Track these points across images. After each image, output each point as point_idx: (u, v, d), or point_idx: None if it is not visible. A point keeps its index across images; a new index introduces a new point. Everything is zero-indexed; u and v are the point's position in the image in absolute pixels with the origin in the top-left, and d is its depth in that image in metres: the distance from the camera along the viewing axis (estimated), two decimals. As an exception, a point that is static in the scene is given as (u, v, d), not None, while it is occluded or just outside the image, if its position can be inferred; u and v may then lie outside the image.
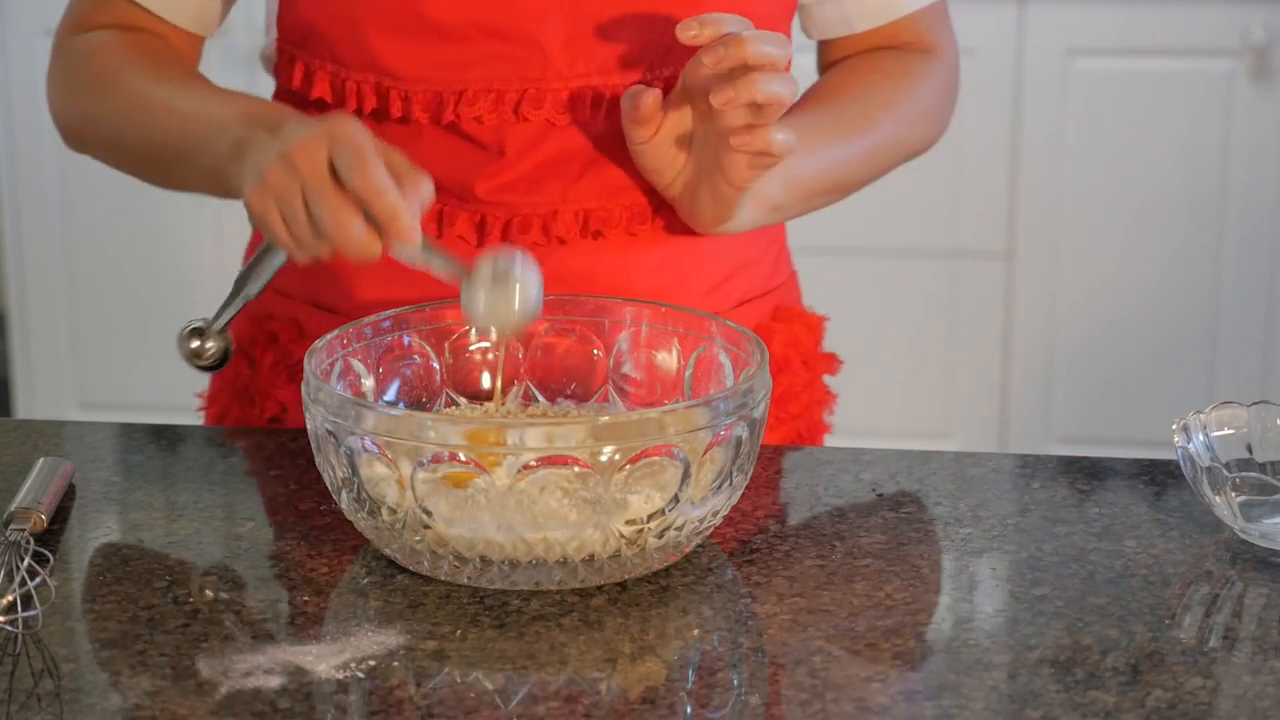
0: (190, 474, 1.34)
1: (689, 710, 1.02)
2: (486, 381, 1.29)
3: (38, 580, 1.09)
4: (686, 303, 1.41)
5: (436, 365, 1.27)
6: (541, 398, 1.29)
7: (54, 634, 1.08)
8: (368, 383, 1.24)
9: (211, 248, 3.11)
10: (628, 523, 1.11)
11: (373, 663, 1.05)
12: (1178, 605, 1.13)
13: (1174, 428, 1.24)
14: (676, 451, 1.10)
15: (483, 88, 1.34)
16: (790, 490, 1.29)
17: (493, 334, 1.23)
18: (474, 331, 1.27)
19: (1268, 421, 1.26)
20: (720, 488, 1.14)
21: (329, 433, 1.13)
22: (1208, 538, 1.22)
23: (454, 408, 1.28)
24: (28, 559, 1.10)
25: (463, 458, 1.09)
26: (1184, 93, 2.97)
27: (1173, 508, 1.26)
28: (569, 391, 1.29)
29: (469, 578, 1.13)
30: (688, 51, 1.33)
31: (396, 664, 1.05)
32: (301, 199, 1.19)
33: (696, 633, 1.10)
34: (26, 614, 1.07)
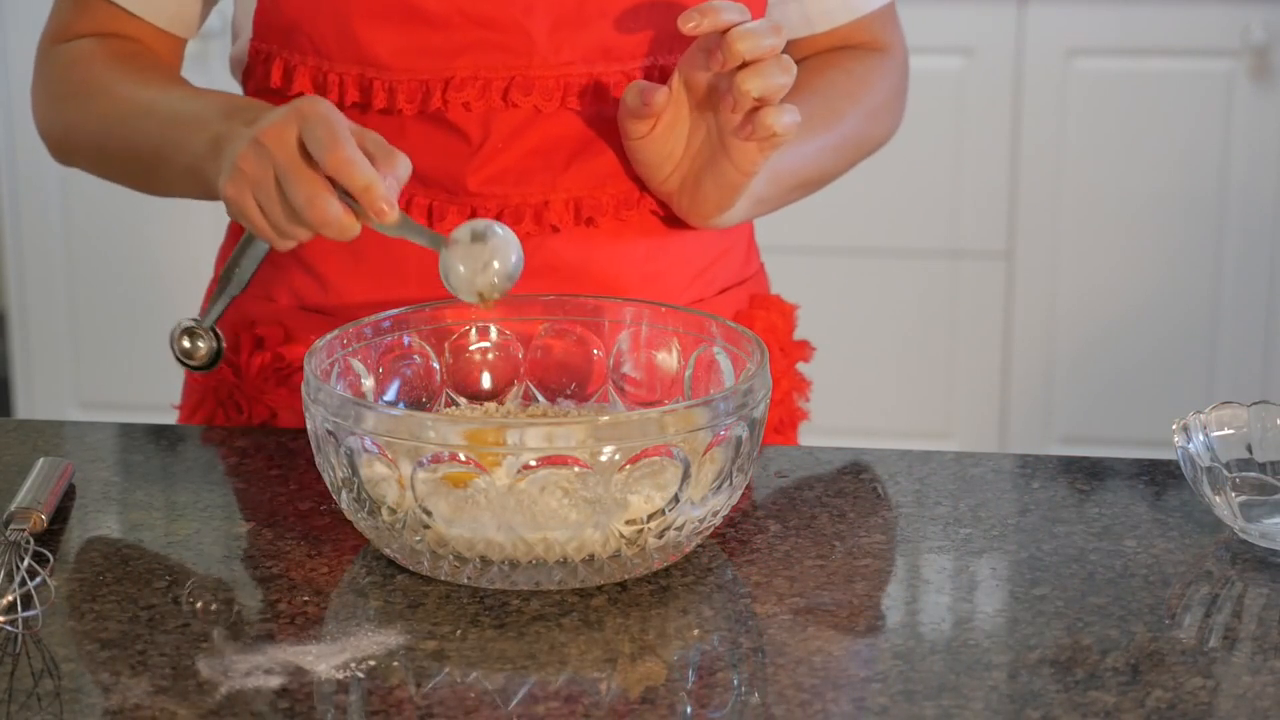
0: (190, 474, 1.34)
1: (689, 710, 1.02)
2: (487, 381, 1.29)
3: (38, 580, 1.09)
4: (674, 289, 1.42)
5: (436, 365, 1.27)
6: (541, 398, 1.29)
7: (54, 634, 1.08)
8: (368, 383, 1.24)
9: (211, 248, 3.11)
10: (628, 523, 1.11)
11: (373, 663, 1.05)
12: (1178, 605, 1.13)
13: (1174, 428, 1.24)
14: (676, 451, 1.10)
15: (470, 75, 1.34)
16: (790, 490, 1.29)
17: (473, 299, 1.22)
18: (459, 298, 1.25)
19: (1268, 421, 1.26)
20: (720, 488, 1.14)
21: (329, 433, 1.13)
22: (1208, 538, 1.22)
23: (454, 408, 1.28)
24: (28, 559, 1.10)
25: (463, 458, 1.09)
26: (1184, 93, 2.98)
27: (1173, 508, 1.26)
28: (569, 391, 1.29)
29: (469, 578, 1.13)
30: (675, 40, 1.33)
31: (396, 664, 1.05)
32: (275, 182, 1.19)
33: (696, 633, 1.10)
34: (26, 614, 1.07)
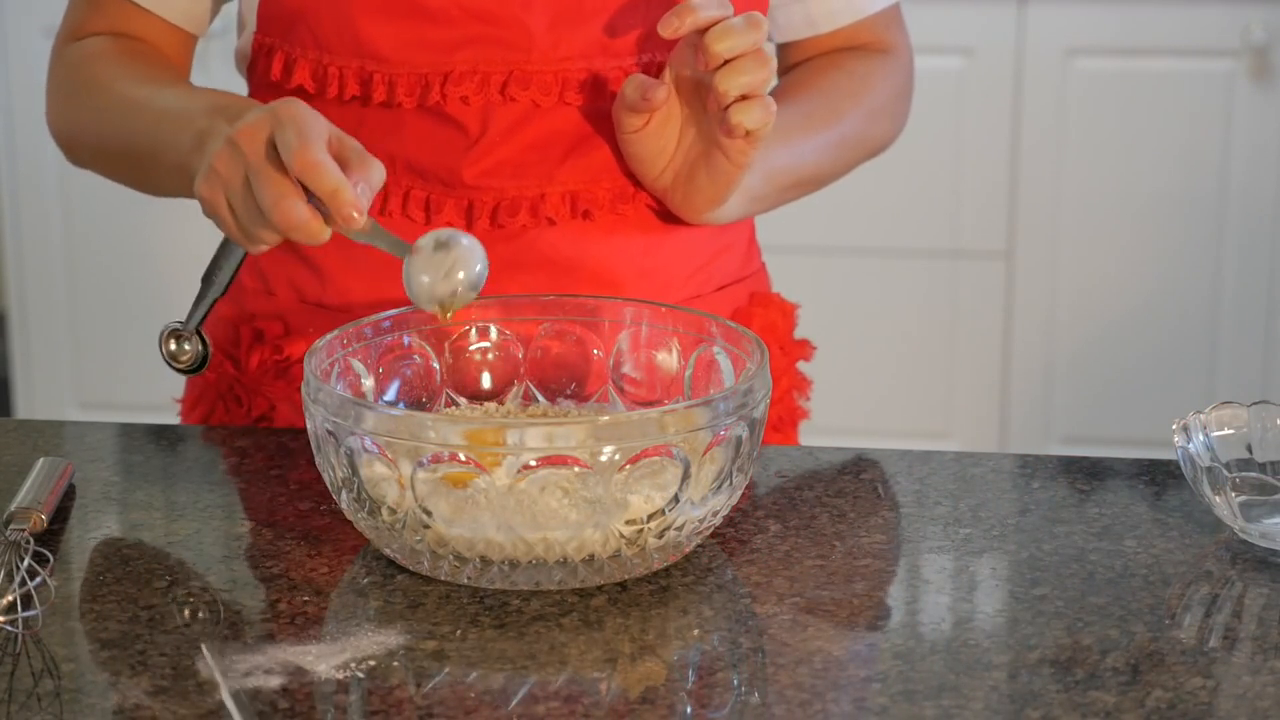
0: (190, 474, 1.34)
1: (689, 710, 1.02)
2: (487, 381, 1.29)
3: (38, 580, 1.09)
4: (670, 284, 1.42)
5: (436, 365, 1.27)
6: (541, 398, 1.29)
7: (54, 634, 1.08)
8: (368, 383, 1.24)
9: (212, 248, 3.11)
10: (628, 523, 1.11)
11: (373, 663, 1.05)
12: (1178, 605, 1.13)
13: (1174, 428, 1.24)
14: (676, 451, 1.10)
15: (469, 69, 1.34)
16: (790, 490, 1.29)
17: (434, 308, 1.21)
18: (421, 307, 1.24)
19: (1268, 421, 1.26)
20: (720, 488, 1.14)
21: (329, 433, 1.13)
22: (1208, 538, 1.22)
23: (454, 408, 1.28)
24: (28, 559, 1.10)
25: (463, 458, 1.09)
26: (1184, 93, 2.97)
27: (1173, 508, 1.26)
28: (569, 391, 1.29)
29: (469, 578, 1.13)
30: (671, 41, 1.33)
31: (396, 664, 1.05)
32: (246, 183, 1.18)
33: (696, 633, 1.10)
34: (26, 614, 1.07)
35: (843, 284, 3.09)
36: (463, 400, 1.28)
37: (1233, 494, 1.18)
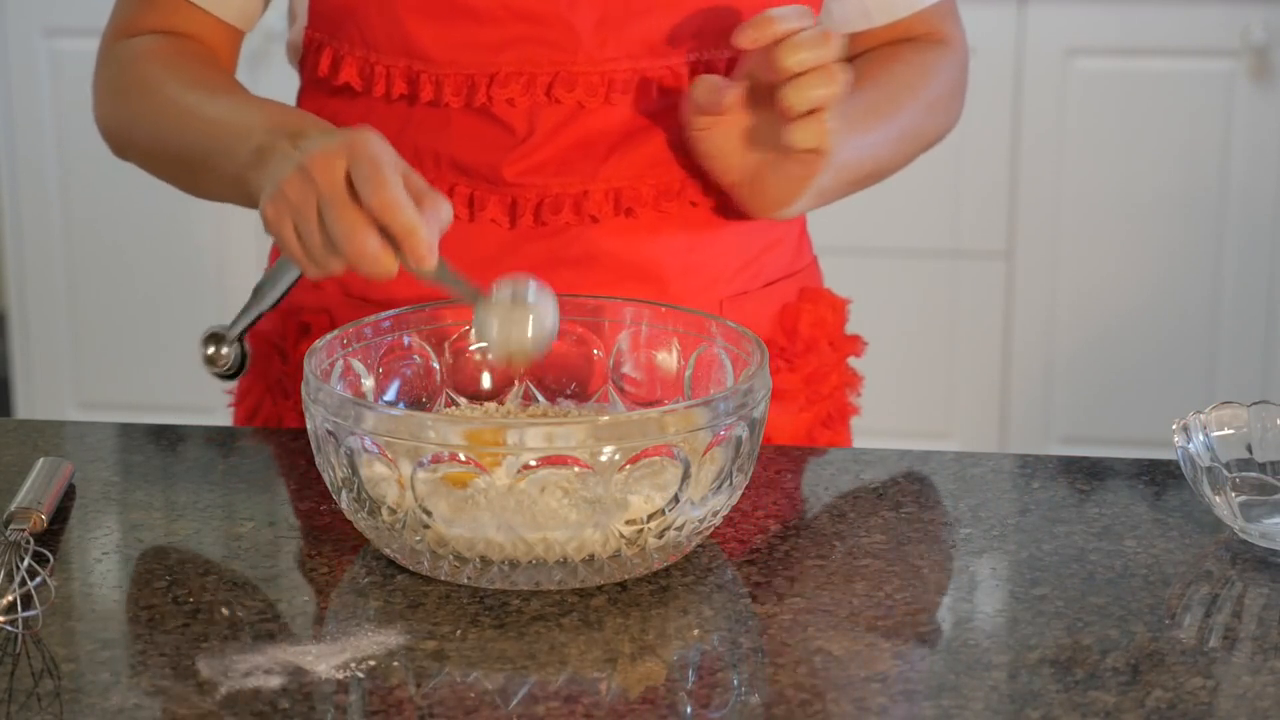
0: (190, 474, 1.34)
1: (689, 710, 1.02)
2: (487, 381, 1.29)
3: (38, 580, 1.09)
4: (716, 281, 1.42)
5: (436, 365, 1.27)
6: (541, 398, 1.29)
7: (54, 634, 1.08)
8: (368, 383, 1.24)
9: (213, 248, 3.11)
10: (628, 523, 1.11)
11: (373, 663, 1.05)
12: (1178, 605, 1.13)
13: (1174, 428, 1.24)
14: (676, 451, 1.10)
15: (514, 70, 1.34)
16: (790, 490, 1.29)
17: (504, 361, 1.21)
18: (489, 356, 1.25)
19: (1268, 421, 1.26)
20: (720, 488, 1.14)
21: (329, 433, 1.13)
22: (1208, 538, 1.22)
23: (454, 408, 1.28)
24: (28, 559, 1.10)
25: (463, 458, 1.09)
26: (1184, 93, 2.98)
27: (1173, 508, 1.26)
28: (569, 391, 1.29)
29: (469, 578, 1.13)
30: (721, 34, 1.34)
31: (396, 664, 1.05)
32: (316, 212, 1.18)
33: (696, 633, 1.10)
34: (26, 614, 1.07)
35: (843, 284, 3.08)
36: (463, 400, 1.28)
37: (1233, 494, 1.18)
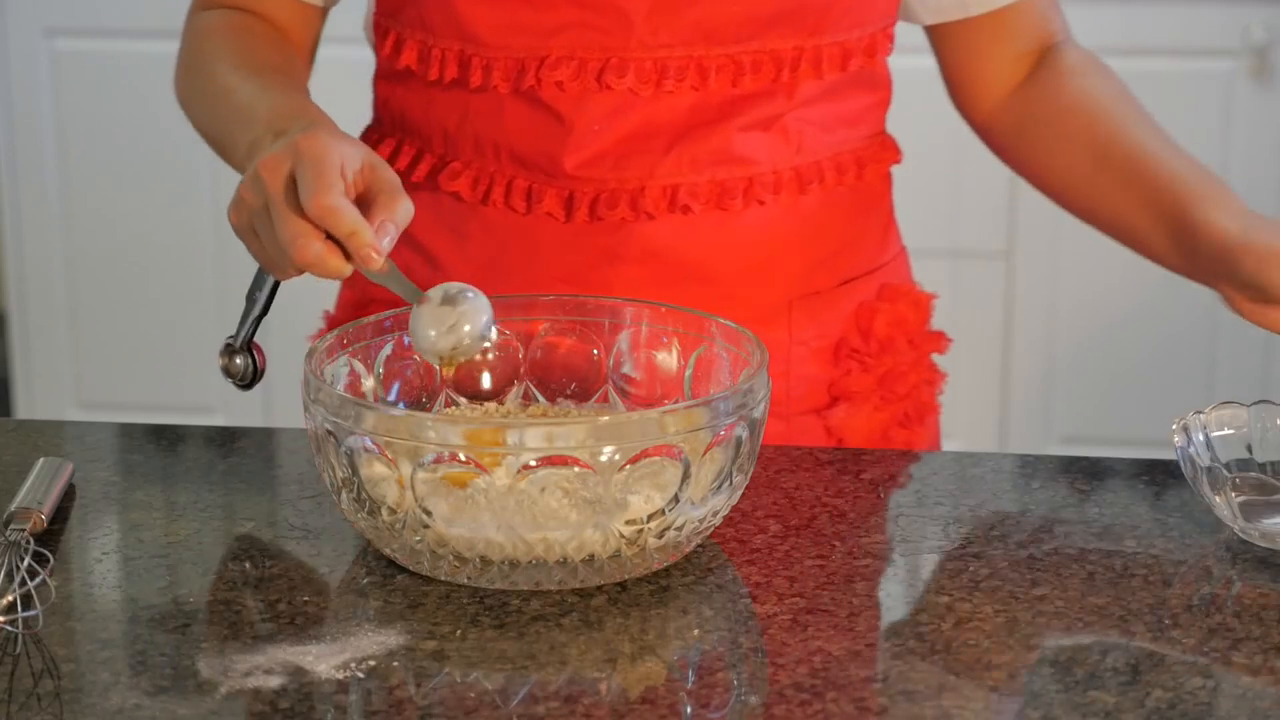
0: (190, 474, 1.34)
1: (689, 710, 1.02)
2: (487, 381, 1.29)
3: (38, 580, 1.09)
4: (781, 281, 1.41)
5: (437, 365, 1.27)
6: (541, 398, 1.29)
7: (54, 634, 1.08)
8: (368, 383, 1.24)
9: (212, 248, 3.11)
10: (628, 523, 1.11)
11: (373, 663, 1.05)
12: (1178, 605, 1.13)
13: (1174, 427, 1.24)
14: (677, 451, 1.10)
15: (565, 55, 1.34)
16: (790, 490, 1.29)
17: (434, 360, 1.20)
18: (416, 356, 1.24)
19: (1268, 421, 1.26)
20: (720, 488, 1.14)
21: (329, 433, 1.13)
22: (1208, 538, 1.22)
23: (454, 408, 1.28)
24: (28, 559, 1.10)
25: (463, 458, 1.09)
26: (1184, 93, 2.97)
27: (1173, 508, 1.26)
28: (569, 391, 1.29)
29: (469, 578, 1.13)
30: (779, 21, 1.33)
31: (396, 664, 1.05)
32: (268, 214, 1.18)
33: (696, 633, 1.10)
34: (26, 614, 1.07)
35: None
36: (463, 400, 1.28)
37: (1232, 494, 1.18)
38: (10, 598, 1.07)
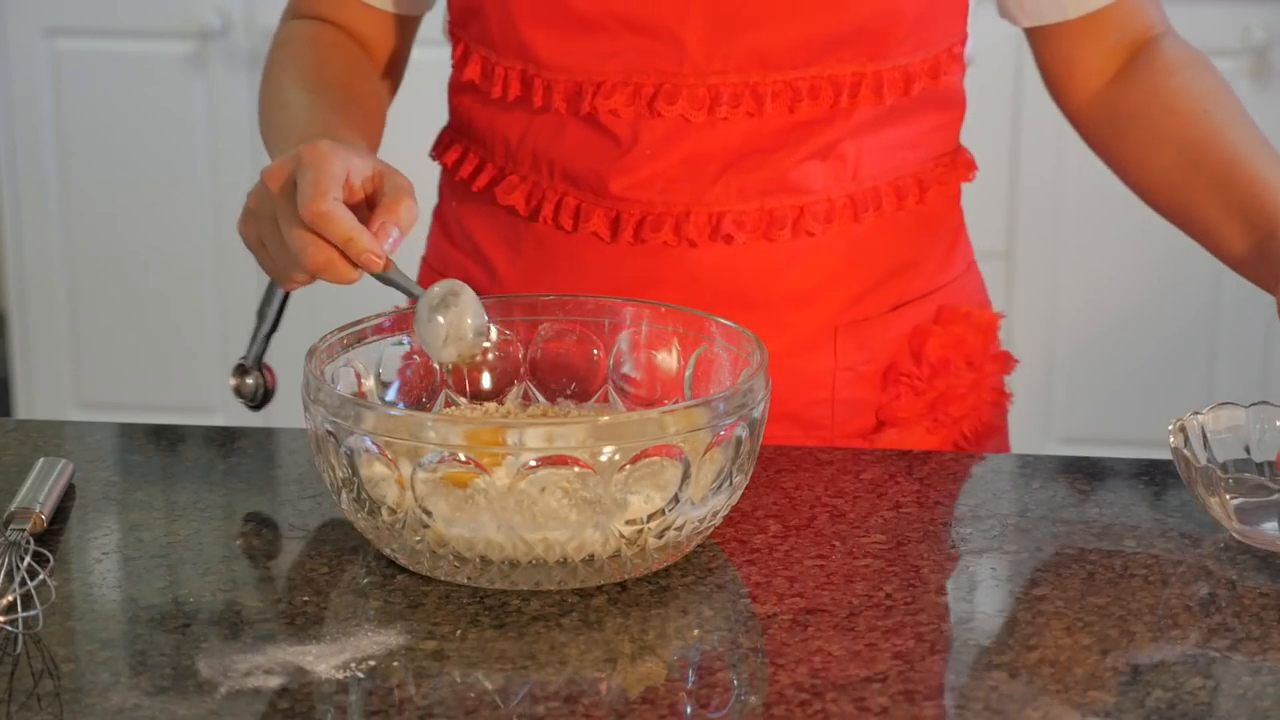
0: (190, 474, 1.34)
1: (689, 710, 1.02)
2: (487, 381, 1.29)
3: (38, 580, 1.09)
4: (829, 309, 1.39)
5: (436, 365, 1.27)
6: (541, 398, 1.29)
7: (54, 634, 1.08)
8: (368, 383, 1.24)
9: (212, 248, 3.11)
10: (628, 523, 1.11)
11: (373, 663, 1.05)
12: (1178, 605, 1.13)
13: (1170, 429, 1.24)
14: (677, 452, 1.10)
15: (620, 80, 1.34)
16: (790, 490, 1.29)
17: (440, 349, 1.20)
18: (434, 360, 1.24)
19: (1266, 423, 1.26)
20: (720, 488, 1.14)
21: (329, 433, 1.13)
22: (1208, 538, 1.22)
23: (454, 408, 1.28)
24: (28, 559, 1.10)
25: (463, 458, 1.09)
26: (1184, 93, 2.97)
27: (1173, 508, 1.26)
28: (569, 391, 1.29)
29: (469, 578, 1.13)
30: (836, 47, 1.31)
31: (396, 664, 1.05)
32: (275, 225, 1.18)
33: (696, 633, 1.10)
34: (26, 614, 1.07)
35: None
36: (463, 400, 1.28)
37: (1227, 496, 1.18)
38: (10, 598, 1.07)
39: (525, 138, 1.39)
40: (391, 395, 1.26)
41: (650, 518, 1.11)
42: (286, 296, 1.33)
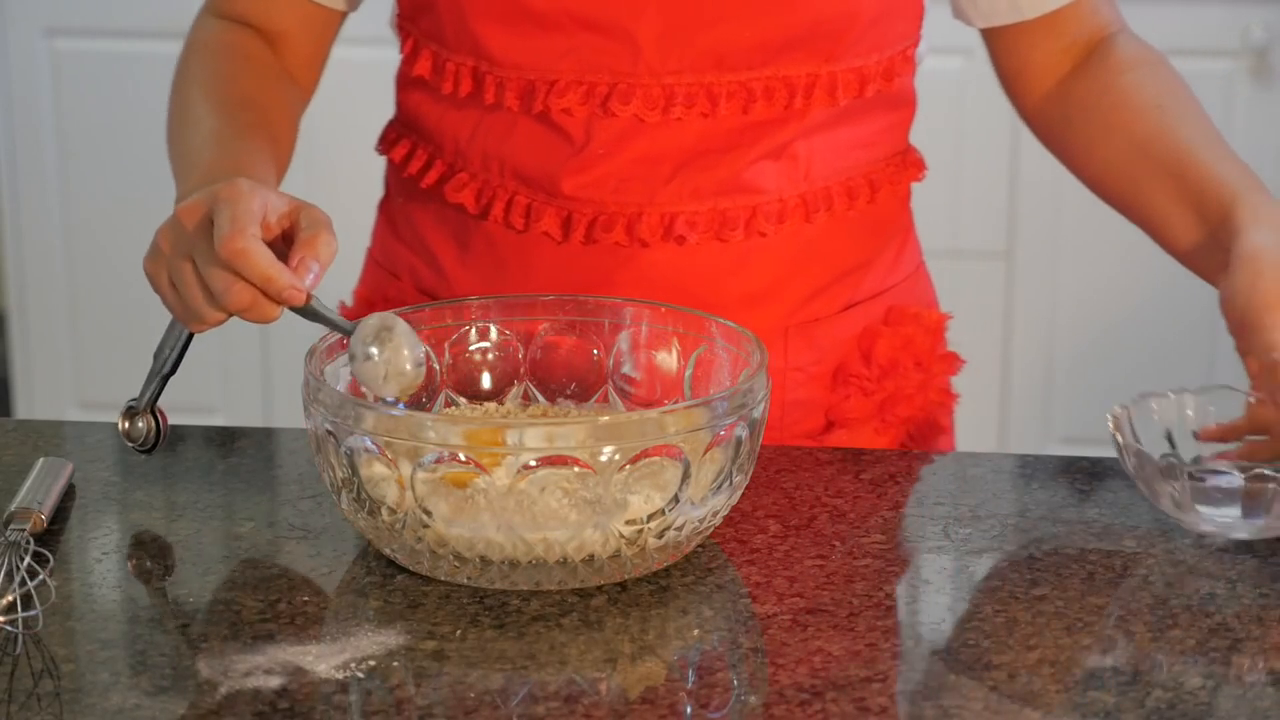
0: (190, 474, 1.34)
1: (689, 710, 1.02)
2: (487, 381, 1.29)
3: (38, 580, 1.09)
4: (784, 310, 1.39)
5: (436, 365, 1.27)
6: (541, 398, 1.29)
7: (54, 634, 1.08)
8: (368, 383, 1.24)
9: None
10: (628, 523, 1.11)
11: (373, 663, 1.05)
12: (1178, 605, 1.13)
13: (1109, 419, 1.23)
14: (677, 451, 1.10)
15: (574, 79, 1.33)
16: (790, 490, 1.29)
17: (380, 386, 1.18)
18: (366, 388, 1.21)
19: (1184, 411, 1.25)
20: (720, 488, 1.14)
21: (329, 433, 1.13)
22: (1207, 538, 1.21)
23: (454, 408, 1.28)
24: (28, 559, 1.10)
25: (463, 458, 1.09)
26: (1184, 93, 2.97)
27: (1173, 508, 1.26)
28: (569, 391, 1.29)
29: (469, 578, 1.13)
30: (792, 48, 1.31)
31: (396, 664, 1.05)
32: (190, 265, 1.17)
33: (696, 633, 1.10)
34: (26, 614, 1.07)
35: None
36: (463, 400, 1.28)
37: (1183, 482, 1.17)
38: (10, 598, 1.07)
39: (475, 135, 1.38)
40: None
41: (650, 518, 1.11)
42: (190, 339, 1.31)
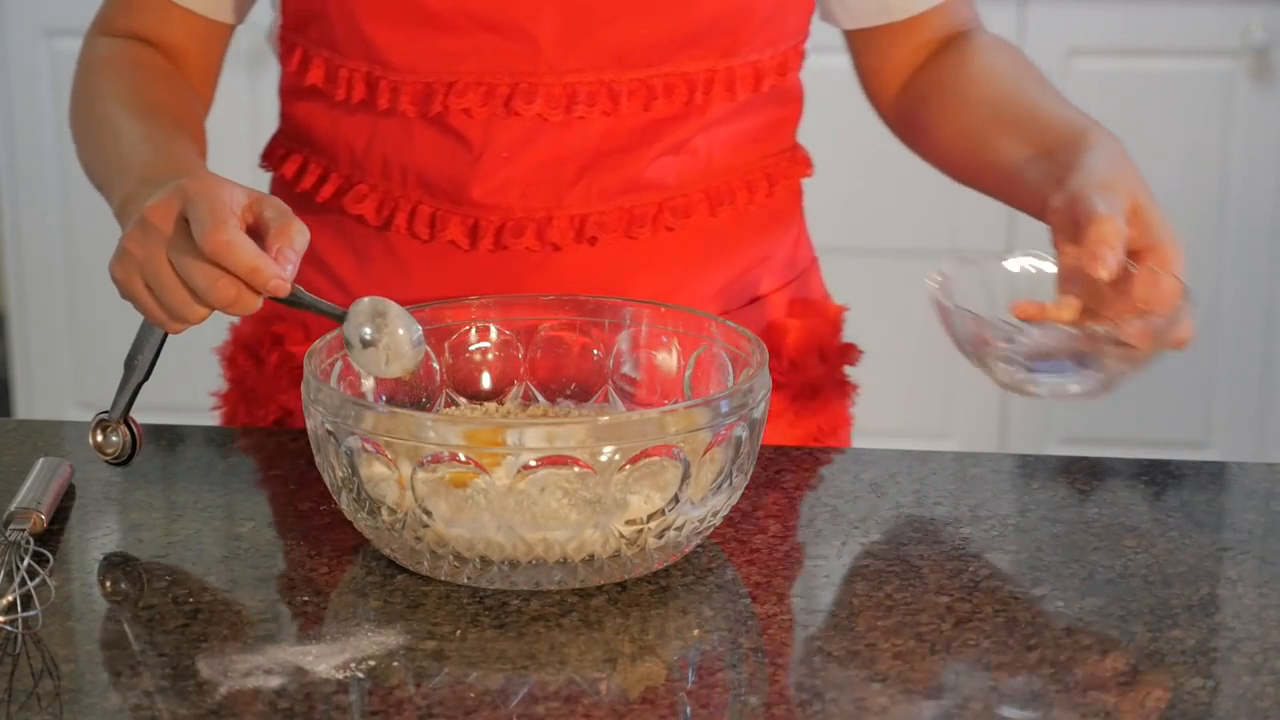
0: (190, 474, 1.34)
1: (689, 710, 1.02)
2: (487, 381, 1.29)
3: (38, 580, 1.09)
4: (693, 304, 1.40)
5: (436, 365, 1.27)
6: (541, 398, 1.29)
7: (54, 634, 1.08)
8: (368, 383, 1.24)
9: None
10: (628, 523, 1.11)
11: (373, 663, 1.05)
12: (1178, 605, 1.13)
13: (931, 284, 1.19)
14: (676, 451, 1.10)
15: (473, 80, 1.32)
16: (790, 490, 1.29)
17: (383, 369, 1.19)
18: (365, 373, 1.22)
19: (989, 275, 1.23)
20: (720, 488, 1.14)
21: (329, 433, 1.13)
22: (1208, 538, 1.22)
23: (454, 408, 1.28)
24: (28, 559, 1.10)
25: (463, 458, 1.09)
26: (1184, 93, 2.97)
27: (1173, 508, 1.26)
28: (569, 391, 1.29)
29: (469, 578, 1.13)
30: (692, 45, 1.32)
31: (396, 664, 1.05)
32: (167, 264, 1.15)
33: (696, 633, 1.10)
34: (26, 614, 1.07)
35: (842, 285, 3.08)
36: (463, 400, 1.28)
37: (1014, 342, 1.15)
38: (10, 598, 1.07)
39: (373, 143, 1.36)
40: (391, 395, 1.25)
41: (650, 518, 1.11)
42: (163, 342, 1.29)
